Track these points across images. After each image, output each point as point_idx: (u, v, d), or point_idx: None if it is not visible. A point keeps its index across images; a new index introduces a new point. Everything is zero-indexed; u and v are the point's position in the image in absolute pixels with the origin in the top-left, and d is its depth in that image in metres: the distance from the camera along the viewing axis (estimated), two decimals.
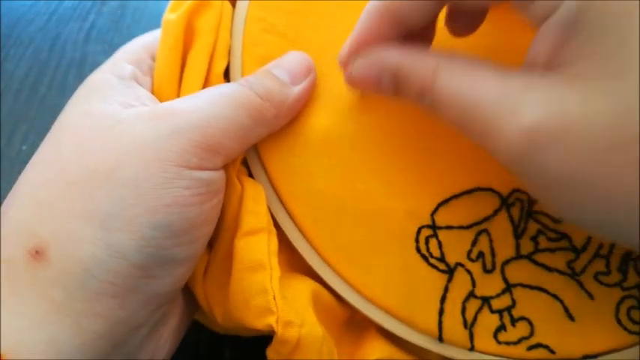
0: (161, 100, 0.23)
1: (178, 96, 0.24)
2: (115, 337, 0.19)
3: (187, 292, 0.24)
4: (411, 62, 0.20)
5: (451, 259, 0.23)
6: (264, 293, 0.21)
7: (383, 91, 0.21)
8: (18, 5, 0.40)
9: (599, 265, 0.24)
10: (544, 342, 0.23)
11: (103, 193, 0.19)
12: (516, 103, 0.17)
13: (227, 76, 0.25)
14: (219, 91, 0.22)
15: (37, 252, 0.18)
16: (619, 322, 0.23)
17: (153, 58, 0.25)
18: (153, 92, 0.24)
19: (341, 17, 0.25)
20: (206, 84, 0.24)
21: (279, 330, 0.21)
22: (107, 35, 0.22)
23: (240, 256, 0.22)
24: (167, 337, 0.22)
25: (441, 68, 0.19)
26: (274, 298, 0.21)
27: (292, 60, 0.24)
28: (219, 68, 0.24)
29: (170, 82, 0.23)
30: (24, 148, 0.29)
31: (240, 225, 0.22)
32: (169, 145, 0.19)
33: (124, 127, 0.20)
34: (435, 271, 0.23)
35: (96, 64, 0.23)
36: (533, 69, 0.18)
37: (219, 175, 0.21)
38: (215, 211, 0.21)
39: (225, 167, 0.22)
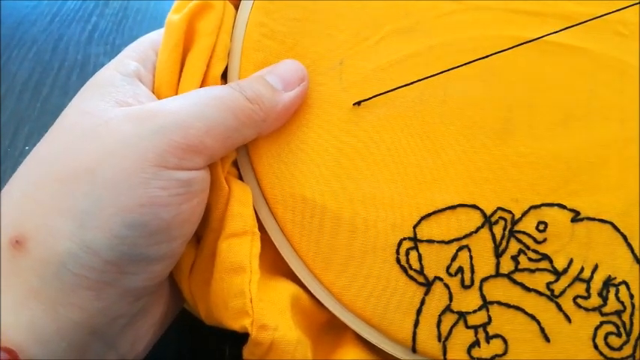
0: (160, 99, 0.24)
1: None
2: (92, 325, 0.20)
3: (174, 285, 0.24)
4: None
5: (430, 273, 0.23)
6: (242, 296, 0.21)
7: None
8: (21, 6, 0.40)
9: (579, 289, 0.24)
10: None
11: (83, 191, 0.19)
12: None
13: (225, 79, 0.26)
14: (208, 92, 0.22)
15: (17, 242, 0.19)
16: (596, 346, 0.23)
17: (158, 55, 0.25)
18: (153, 92, 0.24)
19: (343, 28, 0.26)
20: (203, 86, 0.24)
21: (253, 332, 0.21)
22: (109, 37, 0.22)
23: (223, 257, 0.22)
24: (148, 328, 0.23)
25: None
26: (251, 301, 0.21)
27: (286, 67, 0.24)
28: (216, 70, 0.25)
29: (169, 83, 0.24)
30: (27, 148, 0.29)
31: (224, 226, 0.23)
32: (149, 145, 0.20)
33: (109, 127, 0.20)
34: (413, 283, 0.23)
35: (98, 66, 0.23)
36: None
37: (200, 176, 0.21)
38: (195, 211, 0.22)
39: (214, 168, 0.23)
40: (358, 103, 0.25)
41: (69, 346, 0.19)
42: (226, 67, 0.25)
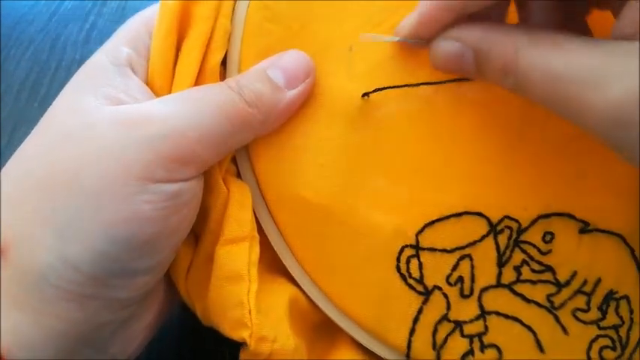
0: (153, 91, 0.22)
1: (171, 88, 0.23)
2: (77, 334, 0.19)
3: (170, 281, 0.24)
4: (491, 39, 0.20)
5: (429, 282, 0.23)
6: (240, 307, 0.21)
7: (466, 72, 0.21)
8: (18, 6, 0.40)
9: (580, 302, 0.23)
10: None
11: (63, 201, 0.19)
12: (602, 75, 0.17)
13: (224, 65, 0.24)
14: (204, 95, 0.21)
15: (3, 251, 0.19)
16: (589, 359, 0.23)
17: (152, 36, 0.23)
18: (147, 81, 0.23)
19: (353, 13, 0.24)
20: (200, 76, 0.23)
21: (252, 344, 0.21)
22: (107, 36, 0.22)
23: (221, 263, 0.22)
24: (141, 330, 0.23)
25: (523, 43, 0.19)
26: (250, 313, 0.21)
27: (291, 61, 0.23)
28: (214, 60, 0.23)
29: (163, 73, 0.22)
30: None
31: (223, 231, 0.22)
32: (135, 156, 0.19)
33: (95, 131, 0.19)
34: (411, 291, 0.23)
35: None
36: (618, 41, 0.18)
37: (189, 186, 0.20)
38: (185, 221, 0.21)
39: (211, 169, 0.22)
40: (367, 95, 0.23)
41: (56, 352, 0.19)
42: (225, 54, 0.24)
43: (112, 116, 0.20)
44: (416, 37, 0.21)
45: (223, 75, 0.24)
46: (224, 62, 0.24)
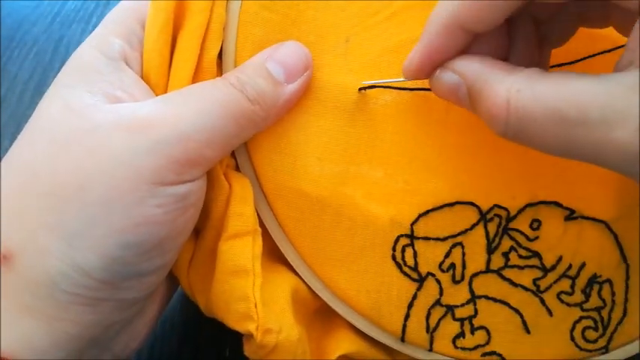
0: (150, 87, 0.22)
1: (167, 83, 0.23)
2: (89, 336, 0.20)
3: (170, 275, 0.24)
4: (485, 77, 0.18)
5: (423, 269, 0.24)
6: (246, 300, 0.22)
7: (463, 106, 0.20)
8: (21, 7, 0.40)
9: (564, 285, 0.25)
10: (498, 350, 0.25)
11: (72, 209, 0.18)
12: (626, 105, 0.16)
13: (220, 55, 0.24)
14: (206, 94, 0.21)
15: (4, 257, 0.18)
16: (572, 338, 0.25)
17: (143, 27, 0.23)
18: (142, 75, 0.23)
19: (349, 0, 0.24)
20: (198, 70, 0.23)
21: (258, 337, 0.22)
22: None
23: (225, 258, 0.22)
24: (144, 326, 0.23)
25: (520, 85, 0.17)
26: (255, 306, 0.22)
27: (289, 54, 0.23)
28: (211, 53, 0.23)
29: (159, 68, 0.22)
30: None
31: (226, 226, 0.23)
32: (145, 162, 0.19)
33: (99, 137, 0.19)
34: (406, 279, 0.24)
35: None
36: (630, 69, 0.17)
37: (197, 186, 0.21)
38: (191, 221, 0.21)
39: (212, 166, 0.22)
40: (363, 89, 0.24)
41: (67, 354, 0.19)
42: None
43: (115, 119, 0.19)
44: (421, 72, 0.21)
45: (219, 65, 0.24)
46: (219, 53, 0.24)
